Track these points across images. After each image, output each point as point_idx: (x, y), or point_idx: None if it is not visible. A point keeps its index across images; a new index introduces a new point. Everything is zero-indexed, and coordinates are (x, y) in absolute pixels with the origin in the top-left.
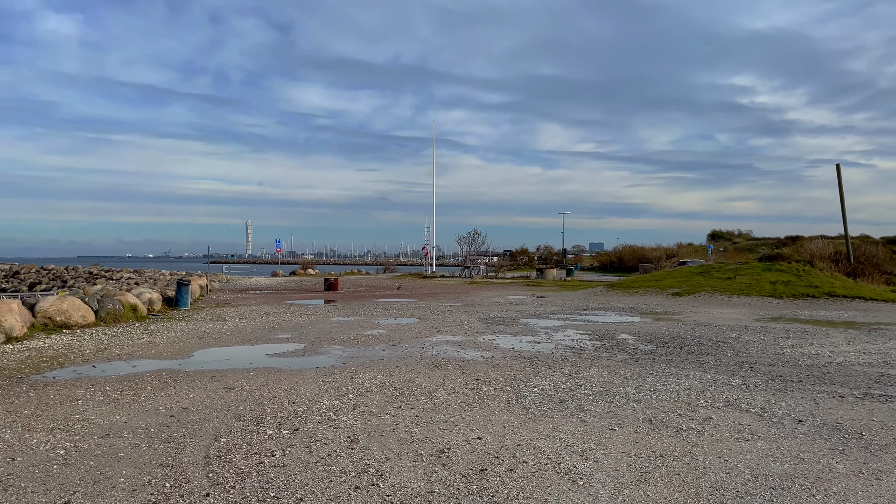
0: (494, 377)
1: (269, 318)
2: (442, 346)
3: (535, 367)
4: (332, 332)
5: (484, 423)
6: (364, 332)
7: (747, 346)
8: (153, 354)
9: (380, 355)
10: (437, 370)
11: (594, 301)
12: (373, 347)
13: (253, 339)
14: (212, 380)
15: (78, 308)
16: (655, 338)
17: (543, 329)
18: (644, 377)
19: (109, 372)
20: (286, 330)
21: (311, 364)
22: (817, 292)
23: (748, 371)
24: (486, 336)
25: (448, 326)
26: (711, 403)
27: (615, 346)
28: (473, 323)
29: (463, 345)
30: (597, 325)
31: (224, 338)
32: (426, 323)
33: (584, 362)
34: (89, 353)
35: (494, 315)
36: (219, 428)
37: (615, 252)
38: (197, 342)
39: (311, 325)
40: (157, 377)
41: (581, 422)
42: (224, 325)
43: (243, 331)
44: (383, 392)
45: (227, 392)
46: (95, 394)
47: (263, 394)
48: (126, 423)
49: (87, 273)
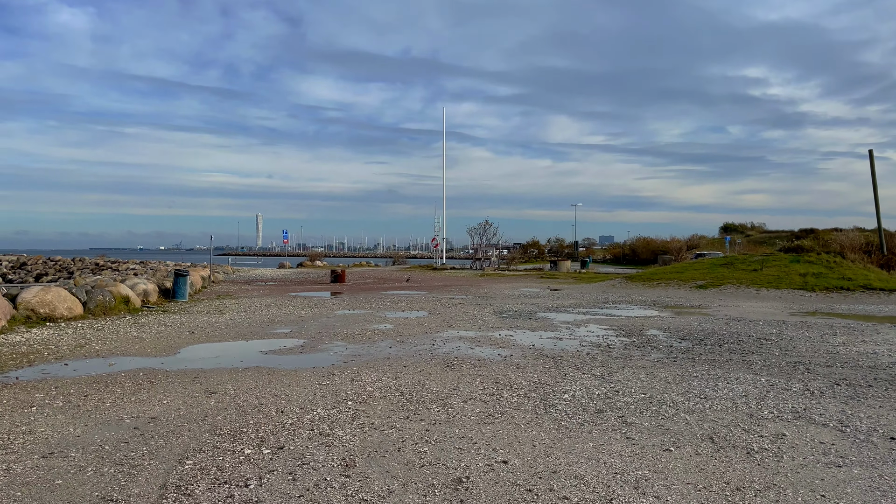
0: (516, 380)
1: (270, 311)
2: (454, 342)
3: (561, 368)
4: (335, 327)
5: (509, 441)
6: (370, 326)
7: (793, 344)
8: (136, 351)
9: (386, 353)
10: (450, 371)
11: (613, 294)
12: (378, 344)
13: (249, 334)
14: (193, 381)
15: (64, 300)
16: (689, 334)
17: (564, 324)
18: (688, 381)
19: (81, 371)
20: (286, 324)
21: (308, 363)
22: (851, 285)
23: (805, 373)
24: (502, 331)
25: (460, 321)
26: (777, 415)
27: (646, 343)
28: (487, 317)
29: (477, 341)
30: (621, 320)
31: (218, 332)
32: (437, 317)
33: (616, 362)
34: (66, 348)
35: (509, 308)
36: (187, 445)
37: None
38: (187, 337)
39: (314, 319)
40: (132, 378)
41: (627, 439)
42: (220, 319)
43: (240, 325)
44: (388, 398)
45: (208, 397)
46: (56, 398)
47: (249, 400)
48: (79, 437)
49: (94, 264)
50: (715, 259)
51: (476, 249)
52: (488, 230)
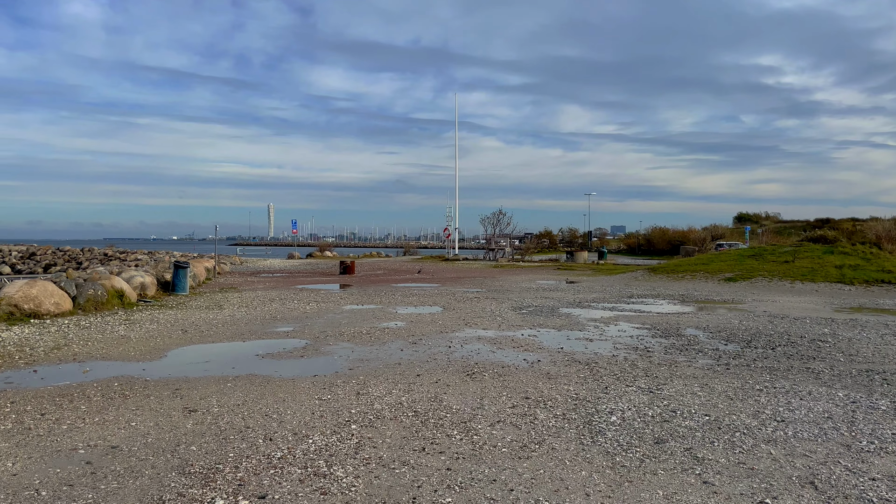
0: (549, 394)
1: (273, 306)
2: (473, 343)
3: (599, 378)
4: (341, 325)
5: (554, 487)
6: (379, 323)
7: (855, 347)
8: (118, 354)
9: (397, 357)
10: (471, 381)
11: (637, 287)
12: (388, 345)
13: (247, 334)
14: (173, 395)
15: (50, 294)
16: (733, 334)
17: (591, 322)
18: (754, 396)
19: (49, 381)
20: (289, 321)
21: (308, 369)
22: (893, 278)
23: (884, 385)
24: (525, 330)
25: (477, 318)
26: (880, 446)
27: (688, 345)
28: (506, 313)
29: (499, 342)
30: (652, 317)
31: (213, 331)
32: (452, 313)
33: (661, 371)
34: (42, 351)
35: (529, 303)
36: (144, 491)
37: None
38: (179, 337)
39: (319, 315)
40: (104, 390)
41: (705, 484)
42: (219, 315)
43: (239, 322)
44: (399, 419)
45: (186, 417)
46: (6, 419)
47: (234, 421)
48: (15, 476)
49: (103, 255)
50: (742, 250)
51: (489, 240)
52: (502, 220)
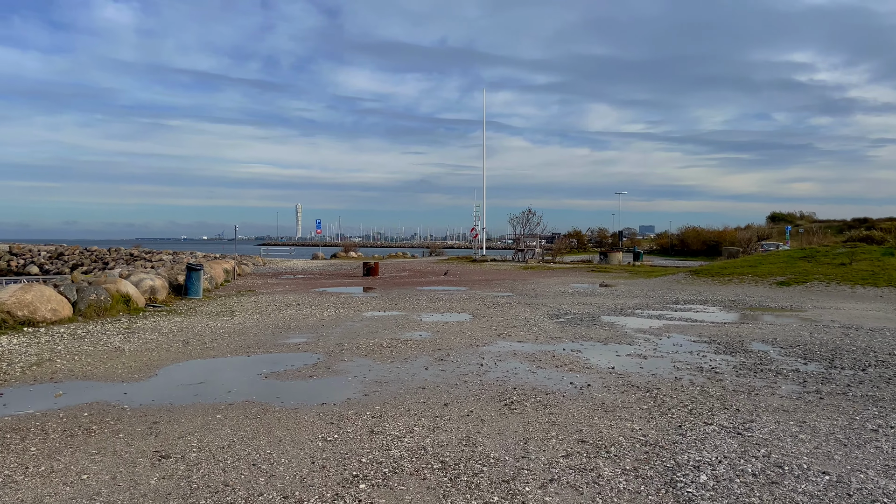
0: (610, 435)
1: (289, 312)
2: (508, 360)
3: (668, 411)
4: (359, 335)
5: None
6: (402, 334)
7: None
8: (103, 372)
9: (420, 378)
10: (511, 414)
11: (681, 291)
12: (411, 362)
13: (254, 346)
14: (147, 432)
15: (47, 300)
16: (808, 350)
17: (639, 333)
18: (872, 441)
19: (12, 408)
20: (303, 330)
21: (316, 395)
22: None
23: None
24: (566, 344)
25: (511, 328)
26: None
27: (760, 364)
28: (542, 322)
29: (538, 359)
30: (707, 328)
31: (218, 343)
32: (482, 321)
33: (739, 400)
34: (20, 367)
35: (566, 310)
36: None
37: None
38: (178, 350)
39: (336, 324)
40: (68, 423)
41: None
42: (228, 323)
43: (248, 331)
44: (422, 475)
45: (154, 466)
46: None
47: (211, 473)
48: None
49: (129, 255)
50: (792, 251)
51: (518, 240)
52: (531, 219)
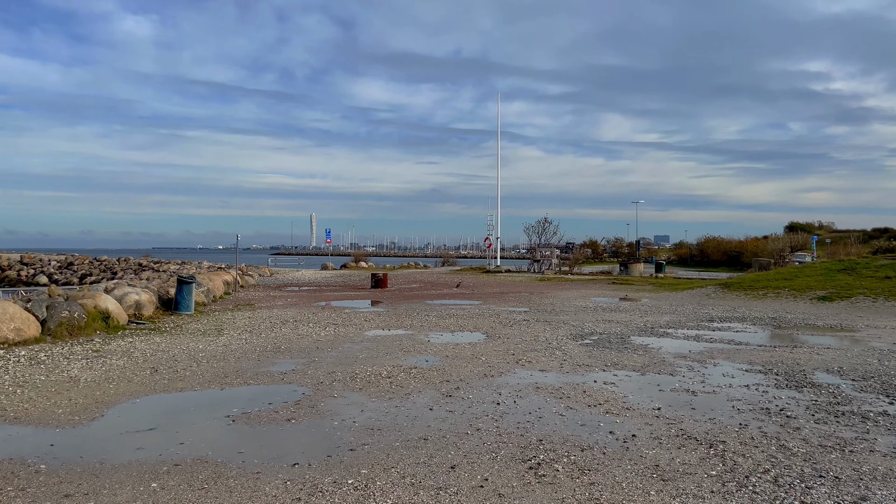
0: None
1: (282, 332)
2: (530, 395)
3: (745, 482)
4: (356, 361)
5: None
6: (405, 360)
7: None
8: (40, 412)
9: (422, 423)
10: (537, 483)
11: (714, 307)
12: (413, 399)
13: (232, 375)
14: None
15: (10, 318)
16: (886, 384)
17: (680, 359)
18: None
19: None
20: (293, 354)
21: (289, 451)
22: None
23: None
24: (597, 374)
25: (530, 351)
26: None
27: (837, 405)
28: (566, 344)
29: (565, 395)
30: (758, 352)
31: (191, 371)
32: (497, 343)
33: (833, 462)
34: None
35: (590, 329)
36: None
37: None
38: (142, 381)
39: (333, 346)
40: None
41: None
42: (212, 344)
43: (231, 355)
44: None
45: None
46: None
47: None
48: None
49: (137, 264)
50: (830, 263)
51: (533, 249)
52: (547, 228)
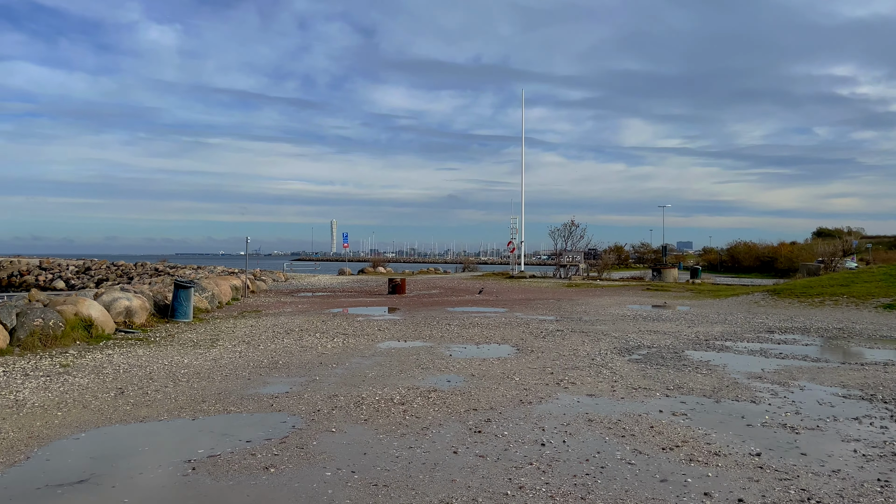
0: None
1: (284, 343)
2: (583, 433)
3: None
4: (364, 381)
5: None
6: (423, 379)
7: None
8: None
9: (444, 477)
10: None
11: (768, 316)
12: (432, 436)
13: (210, 400)
14: None
15: None
16: None
17: (755, 380)
18: None
19: None
20: (291, 371)
21: None
22: None
23: None
24: (659, 400)
25: (571, 368)
26: None
27: None
28: (612, 360)
29: (628, 432)
30: (846, 372)
31: (164, 393)
32: (531, 358)
33: None
34: None
35: (636, 342)
36: None
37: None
38: (102, 405)
39: (339, 361)
40: None
41: None
42: (199, 358)
43: (217, 372)
44: None
45: None
46: None
47: None
48: None
49: (154, 269)
50: (888, 268)
51: (559, 254)
52: (574, 232)
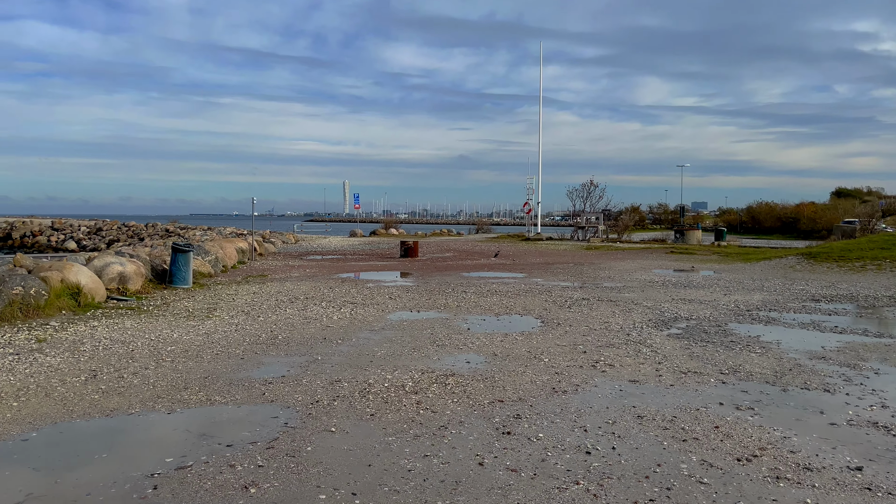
0: None
1: (287, 313)
2: (634, 435)
3: None
4: (372, 362)
5: None
6: (438, 362)
7: None
8: None
9: (468, 499)
10: None
11: (808, 282)
12: (450, 440)
13: (194, 386)
14: None
15: None
16: None
17: (818, 362)
18: None
19: None
20: (291, 348)
21: None
22: None
23: None
24: (716, 389)
25: (607, 347)
26: None
27: None
28: (650, 336)
29: (689, 434)
30: None
31: (141, 376)
32: (558, 333)
33: None
34: None
35: (671, 312)
36: None
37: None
38: (66, 394)
39: (345, 336)
40: None
41: None
42: (191, 332)
43: (208, 349)
44: None
45: None
46: None
47: None
48: None
49: (164, 230)
50: None
51: (577, 215)
52: (593, 192)
